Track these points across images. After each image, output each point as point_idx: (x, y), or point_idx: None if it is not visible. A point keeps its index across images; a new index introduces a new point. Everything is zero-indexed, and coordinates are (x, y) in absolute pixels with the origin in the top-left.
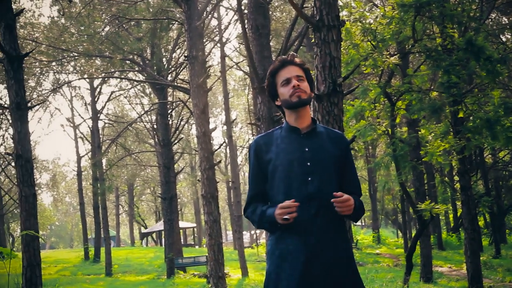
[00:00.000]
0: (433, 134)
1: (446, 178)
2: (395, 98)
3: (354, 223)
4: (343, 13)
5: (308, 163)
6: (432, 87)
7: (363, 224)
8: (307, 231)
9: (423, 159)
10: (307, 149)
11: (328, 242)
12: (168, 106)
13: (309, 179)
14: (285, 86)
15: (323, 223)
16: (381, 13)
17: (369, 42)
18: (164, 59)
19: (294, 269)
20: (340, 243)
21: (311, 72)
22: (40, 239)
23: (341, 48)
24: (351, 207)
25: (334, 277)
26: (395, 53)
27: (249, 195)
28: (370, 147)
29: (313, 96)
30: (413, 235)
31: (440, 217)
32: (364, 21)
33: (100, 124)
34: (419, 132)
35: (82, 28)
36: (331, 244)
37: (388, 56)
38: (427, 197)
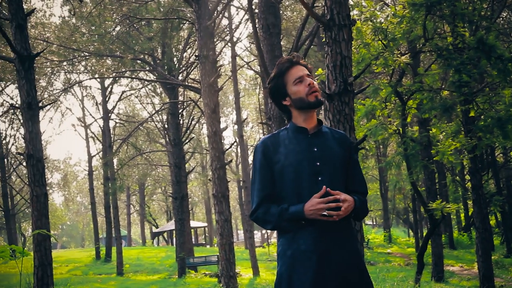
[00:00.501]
0: (444, 133)
1: (457, 177)
2: (406, 97)
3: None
4: (354, 12)
5: (318, 163)
6: (443, 86)
7: (374, 223)
8: (319, 230)
9: (434, 158)
10: (315, 149)
11: (339, 241)
12: (179, 106)
13: (319, 178)
14: (299, 84)
15: (334, 222)
16: (392, 12)
17: (380, 41)
18: (175, 59)
19: (307, 269)
20: (351, 242)
21: (322, 71)
22: (51, 238)
23: (352, 47)
24: (349, 208)
25: (346, 277)
26: (406, 52)
27: (259, 196)
28: (381, 146)
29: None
30: (424, 234)
31: (452, 216)
32: (375, 20)
33: (111, 123)
34: (430, 131)
35: (93, 28)
36: (343, 243)
37: (399, 55)
38: (438, 196)
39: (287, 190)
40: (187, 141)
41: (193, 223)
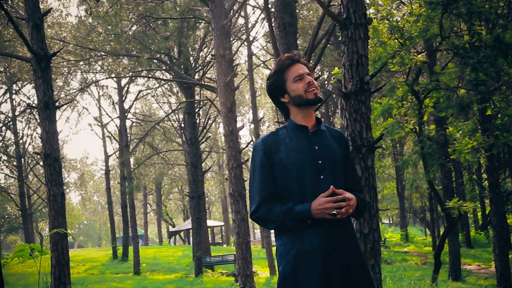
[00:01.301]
0: (461, 132)
1: (474, 175)
2: (423, 95)
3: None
4: (370, 11)
5: (319, 161)
6: (459, 85)
7: (391, 222)
8: (324, 230)
9: (451, 157)
10: (316, 147)
11: (343, 239)
12: (195, 105)
13: (322, 176)
14: (298, 81)
15: (337, 220)
16: (408, 11)
17: (396, 40)
18: (191, 58)
19: (313, 268)
20: (353, 240)
21: (338, 70)
22: (69, 237)
23: (368, 46)
24: (354, 207)
25: (350, 274)
26: (423, 50)
27: (260, 197)
28: (397, 145)
29: None
30: (441, 233)
31: (468, 215)
32: (391, 19)
33: (128, 123)
34: (447, 130)
35: (110, 27)
36: (346, 241)
37: (415, 54)
38: (455, 195)
39: (290, 189)
40: (203, 140)
41: (209, 222)
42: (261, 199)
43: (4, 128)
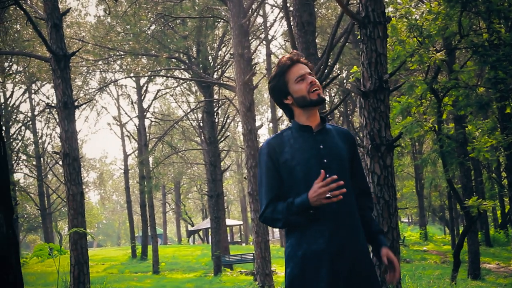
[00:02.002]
0: (480, 130)
1: (494, 174)
2: (442, 94)
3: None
4: (389, 9)
5: (325, 160)
6: (479, 83)
7: (410, 221)
8: (328, 228)
9: (470, 155)
10: (322, 146)
11: (349, 237)
12: (214, 104)
13: (327, 176)
14: (300, 82)
15: (343, 219)
16: (427, 9)
17: (415, 38)
18: (210, 57)
19: (320, 269)
20: (360, 240)
21: (357, 69)
22: (88, 237)
23: (387, 45)
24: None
25: (357, 274)
26: (442, 49)
27: (267, 199)
28: (416, 144)
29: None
30: (460, 231)
31: (488, 214)
32: (410, 17)
33: (147, 122)
34: (466, 128)
35: (128, 26)
36: (352, 240)
37: (434, 52)
38: (474, 193)
39: (297, 190)
40: (222, 139)
41: (228, 221)
42: (267, 202)
43: (23, 127)
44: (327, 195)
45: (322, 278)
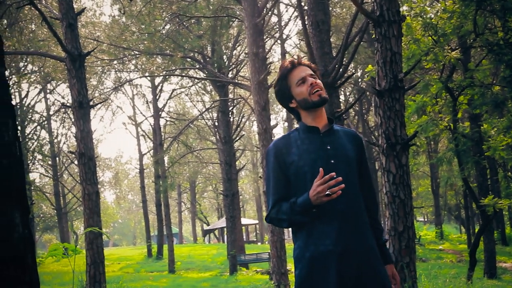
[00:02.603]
0: (495, 129)
1: (510, 173)
2: (457, 93)
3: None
4: (404, 8)
5: (332, 161)
6: (494, 82)
7: (426, 219)
8: (334, 228)
9: (485, 154)
10: (329, 147)
11: (356, 238)
12: (229, 103)
13: (334, 173)
14: (301, 85)
15: (350, 219)
16: (442, 8)
17: (430, 37)
18: (224, 56)
19: (328, 270)
20: (367, 238)
21: (372, 68)
22: (103, 236)
23: (402, 43)
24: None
25: (365, 272)
26: (457, 47)
27: (273, 200)
28: (432, 143)
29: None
30: (476, 230)
31: (504, 212)
32: (425, 16)
33: (162, 121)
34: (482, 127)
35: (143, 26)
36: (360, 240)
37: (449, 51)
38: (490, 192)
39: (304, 191)
40: (237, 138)
41: (244, 220)
42: (273, 203)
43: (39, 127)
44: (327, 193)
45: (330, 279)
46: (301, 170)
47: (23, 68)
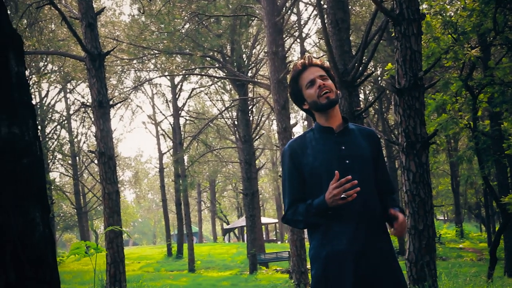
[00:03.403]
0: None
1: None
2: (477, 91)
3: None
4: (423, 6)
5: (347, 161)
6: None
7: (446, 218)
8: (353, 230)
9: (506, 152)
10: (343, 147)
11: (372, 238)
12: (248, 102)
13: (350, 176)
14: (310, 88)
15: (367, 220)
16: (462, 6)
17: (449, 35)
18: (244, 55)
19: (344, 269)
20: (384, 241)
21: (392, 66)
22: (124, 235)
23: (421, 42)
24: (405, 225)
25: (380, 276)
26: (476, 45)
27: (289, 200)
28: (452, 141)
29: (339, 94)
30: (496, 229)
31: None
32: (444, 14)
33: (181, 121)
34: (502, 125)
35: (162, 25)
36: (376, 239)
37: (469, 49)
38: (510, 190)
39: (321, 191)
40: (257, 137)
41: (264, 219)
42: (289, 204)
43: (59, 127)
44: (342, 196)
45: (346, 279)
46: (316, 170)
47: (43, 68)
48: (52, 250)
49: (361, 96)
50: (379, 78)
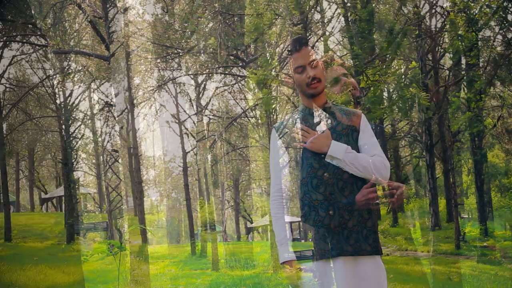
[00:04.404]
0: None
1: None
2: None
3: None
4: (447, 4)
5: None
6: None
7: (470, 216)
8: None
9: None
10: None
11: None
12: (272, 101)
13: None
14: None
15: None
16: (486, 3)
17: (473, 33)
18: (267, 54)
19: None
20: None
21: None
22: (147, 233)
23: (446, 39)
24: (402, 195)
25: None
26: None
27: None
28: (476, 139)
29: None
30: None
31: None
32: (468, 12)
33: (205, 119)
34: None
35: (186, 24)
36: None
37: (493, 46)
38: None
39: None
40: (281, 136)
41: (287, 218)
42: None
43: (82, 126)
44: (376, 201)
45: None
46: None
47: (67, 67)
48: None
49: (385, 94)
50: (403, 76)
